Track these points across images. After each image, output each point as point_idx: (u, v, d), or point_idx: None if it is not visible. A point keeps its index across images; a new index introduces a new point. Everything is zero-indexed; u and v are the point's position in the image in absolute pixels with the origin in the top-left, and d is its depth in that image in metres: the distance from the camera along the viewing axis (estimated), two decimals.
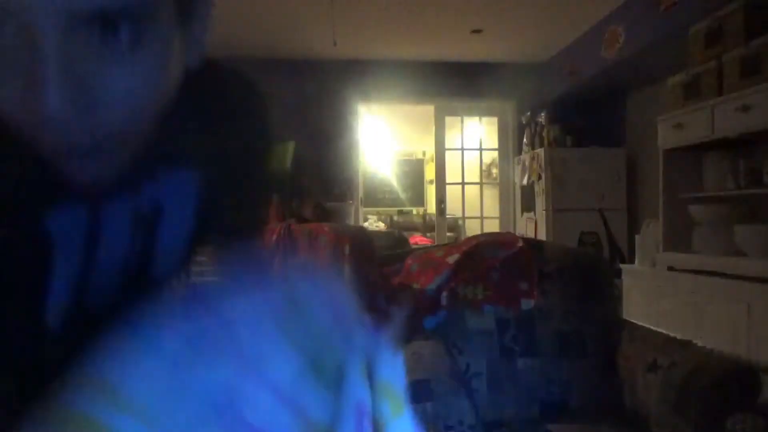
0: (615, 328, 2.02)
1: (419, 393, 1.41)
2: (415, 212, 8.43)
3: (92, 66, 0.41)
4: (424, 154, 8.55)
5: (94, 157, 0.44)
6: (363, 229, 2.28)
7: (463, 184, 5.94)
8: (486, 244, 2.18)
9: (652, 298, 3.55)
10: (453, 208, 6.10)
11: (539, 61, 5.62)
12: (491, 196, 6.18)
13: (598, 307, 2.06)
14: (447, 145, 5.94)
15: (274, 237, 2.28)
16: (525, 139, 5.50)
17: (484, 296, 2.00)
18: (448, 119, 5.93)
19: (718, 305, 2.94)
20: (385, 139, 8.09)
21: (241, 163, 0.67)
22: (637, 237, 3.98)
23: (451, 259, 2.12)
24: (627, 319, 2.25)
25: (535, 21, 4.55)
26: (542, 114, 5.32)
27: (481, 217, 5.98)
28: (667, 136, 3.49)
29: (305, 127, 5.33)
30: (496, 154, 6.10)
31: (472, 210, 5.99)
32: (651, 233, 3.78)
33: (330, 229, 2.18)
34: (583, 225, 4.78)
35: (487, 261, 2.09)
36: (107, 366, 0.44)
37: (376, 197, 8.43)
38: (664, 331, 2.03)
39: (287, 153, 5.19)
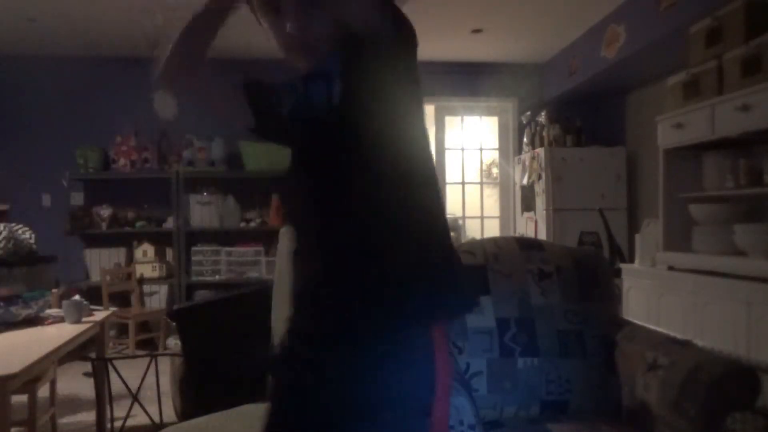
0: (615, 327, 2.03)
1: None
2: None
3: None
4: None
5: None
6: None
7: (463, 183, 5.94)
8: None
9: (652, 297, 3.55)
10: (453, 208, 6.10)
11: (539, 61, 5.61)
12: (491, 196, 6.18)
13: (598, 307, 2.06)
14: (447, 145, 5.94)
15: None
16: (525, 139, 5.50)
17: None
18: (448, 119, 5.93)
19: (718, 305, 2.94)
20: None
21: None
22: (637, 236, 3.98)
23: None
24: (627, 318, 2.25)
25: (535, 21, 4.55)
26: (542, 114, 5.32)
27: (481, 217, 5.98)
28: (667, 136, 3.49)
29: None
30: (496, 153, 6.10)
31: (472, 210, 5.99)
32: (651, 233, 3.78)
33: None
34: (583, 225, 4.78)
35: None
36: None
37: None
38: (664, 331, 2.03)
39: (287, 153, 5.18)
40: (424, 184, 1.02)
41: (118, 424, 2.84)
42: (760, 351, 2.60)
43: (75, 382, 3.82)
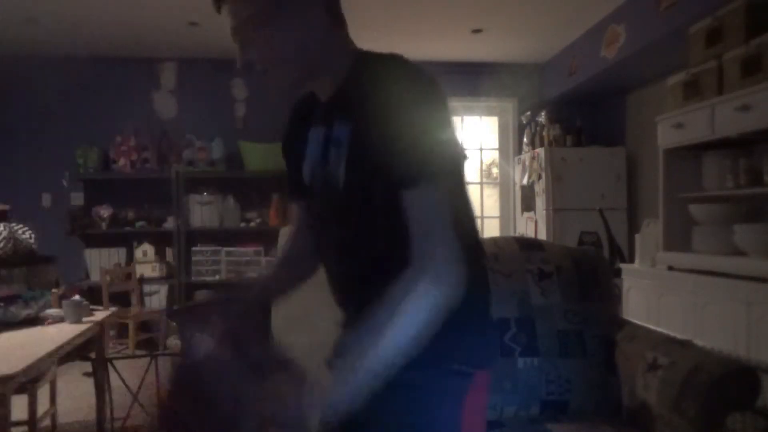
0: (615, 327, 2.03)
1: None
2: None
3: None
4: None
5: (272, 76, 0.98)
6: None
7: None
8: None
9: (652, 297, 3.55)
10: None
11: (539, 61, 5.61)
12: (491, 196, 6.18)
13: (598, 307, 2.06)
14: None
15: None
16: (525, 139, 5.50)
17: None
18: None
19: (718, 305, 2.94)
20: None
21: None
22: (637, 236, 3.98)
23: None
24: (627, 318, 2.25)
25: (535, 21, 4.55)
26: (542, 114, 5.32)
27: (481, 217, 5.98)
28: (667, 136, 3.49)
29: None
30: (496, 153, 6.10)
31: None
32: (651, 233, 3.78)
33: None
34: (583, 225, 4.78)
35: None
36: None
37: None
38: (663, 331, 2.03)
39: None
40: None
41: (118, 424, 2.84)
42: (760, 351, 2.60)
43: (75, 382, 3.81)
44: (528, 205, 5.27)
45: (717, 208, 3.23)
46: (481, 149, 6.08)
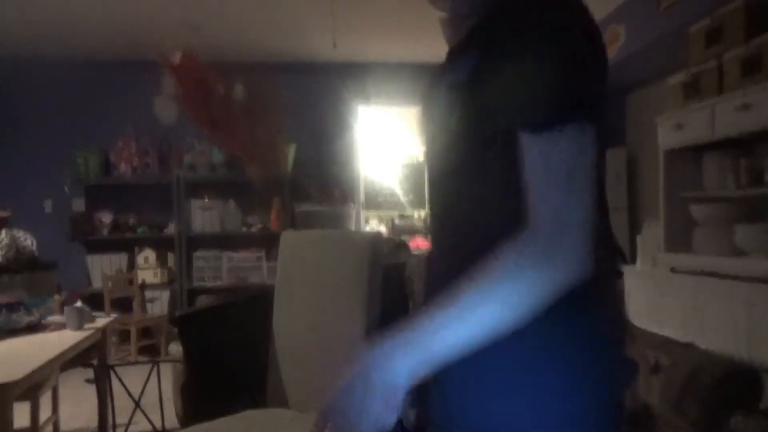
0: None
1: (418, 394, 1.41)
2: (416, 215, 8.41)
3: None
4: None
5: None
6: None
7: None
8: None
9: (653, 298, 3.54)
10: None
11: None
12: None
13: None
14: None
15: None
16: None
17: None
18: None
19: (719, 305, 2.93)
20: (386, 141, 8.09)
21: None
22: (638, 237, 3.98)
23: None
24: (628, 319, 2.25)
25: None
26: None
27: None
28: (667, 136, 3.49)
29: (306, 128, 5.33)
30: None
31: None
32: (652, 234, 3.77)
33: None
34: None
35: None
36: None
37: (376, 200, 8.42)
38: (665, 333, 2.03)
39: (288, 154, 5.19)
40: None
41: (120, 430, 2.85)
42: (761, 351, 2.60)
43: (77, 388, 3.82)
44: None
45: (718, 209, 3.23)
46: None
